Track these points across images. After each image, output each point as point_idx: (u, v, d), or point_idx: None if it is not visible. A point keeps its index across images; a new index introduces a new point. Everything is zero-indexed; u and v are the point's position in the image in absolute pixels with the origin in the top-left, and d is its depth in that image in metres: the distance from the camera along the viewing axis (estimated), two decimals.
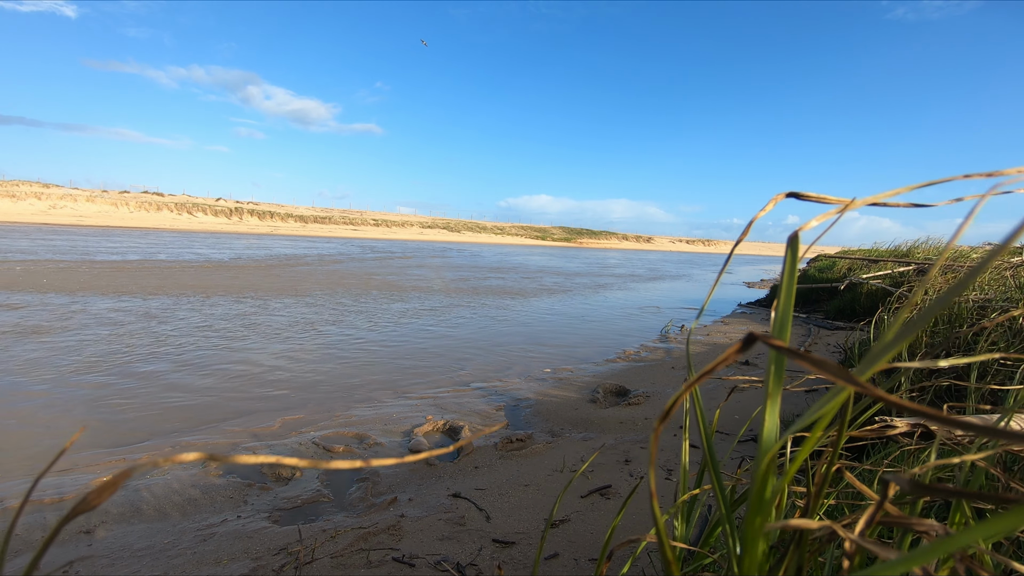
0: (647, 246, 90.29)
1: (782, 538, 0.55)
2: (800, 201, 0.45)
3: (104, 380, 3.65)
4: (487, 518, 2.03)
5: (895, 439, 0.89)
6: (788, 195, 0.42)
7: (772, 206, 0.43)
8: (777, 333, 0.38)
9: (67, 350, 4.32)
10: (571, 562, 1.70)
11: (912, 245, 9.02)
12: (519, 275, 15.43)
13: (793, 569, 0.47)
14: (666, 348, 5.77)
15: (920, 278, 5.87)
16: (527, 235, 75.87)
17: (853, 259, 8.95)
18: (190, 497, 2.23)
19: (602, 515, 2.03)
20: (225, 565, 1.72)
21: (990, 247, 7.33)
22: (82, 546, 1.85)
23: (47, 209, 38.52)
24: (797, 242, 0.39)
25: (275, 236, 35.68)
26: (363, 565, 1.69)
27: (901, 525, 0.40)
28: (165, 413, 3.16)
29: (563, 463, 2.59)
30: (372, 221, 63.18)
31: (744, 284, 16.79)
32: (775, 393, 0.37)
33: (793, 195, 0.42)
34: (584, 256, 36.34)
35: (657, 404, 3.60)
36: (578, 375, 4.47)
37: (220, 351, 4.58)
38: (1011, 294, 2.59)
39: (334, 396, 3.61)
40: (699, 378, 0.32)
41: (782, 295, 0.40)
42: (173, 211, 47.13)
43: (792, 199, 0.43)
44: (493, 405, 3.58)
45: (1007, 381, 1.56)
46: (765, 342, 0.30)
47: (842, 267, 9.25)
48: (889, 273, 7.02)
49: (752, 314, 8.78)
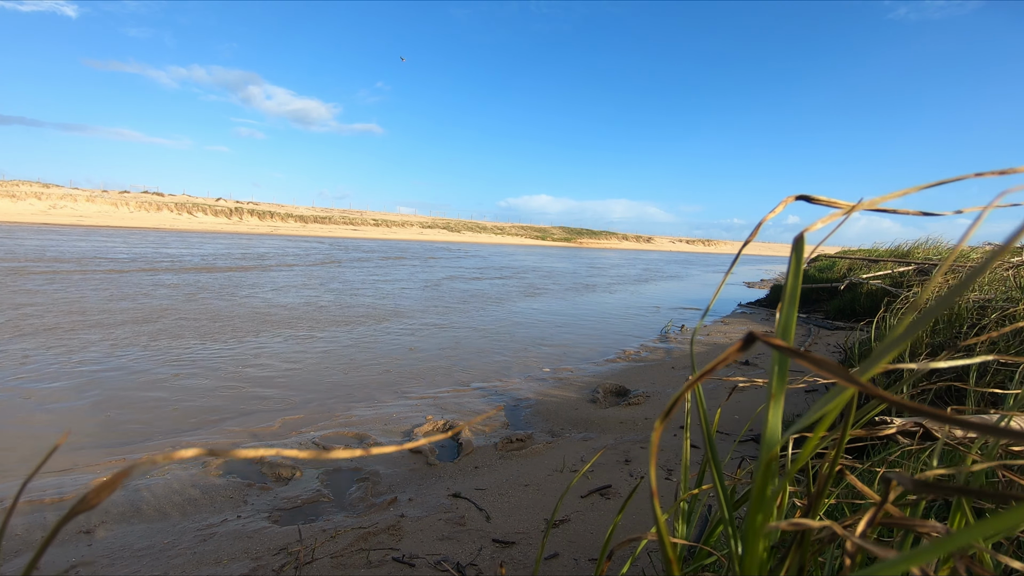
0: (647, 246, 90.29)
1: (783, 538, 0.55)
2: (802, 202, 0.45)
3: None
4: (487, 518, 2.03)
5: (895, 439, 0.89)
6: (798, 198, 0.42)
7: (782, 208, 0.43)
8: (781, 334, 0.38)
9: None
10: (571, 562, 1.70)
11: (912, 245, 9.02)
12: (520, 276, 15.43)
13: (794, 569, 0.47)
14: (666, 348, 5.77)
15: (920, 278, 5.87)
16: (527, 235, 75.88)
17: (853, 259, 8.95)
18: (190, 497, 2.23)
19: (602, 515, 2.03)
20: (225, 565, 1.72)
21: (990, 247, 7.33)
22: (82, 546, 1.85)
23: (47, 209, 38.51)
24: (803, 244, 0.39)
25: (275, 236, 35.68)
26: (363, 565, 1.69)
27: (903, 526, 0.40)
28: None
29: (563, 463, 2.59)
30: (372, 221, 63.17)
31: (744, 284, 16.79)
32: (779, 393, 0.37)
33: (803, 198, 0.42)
34: (584, 256, 36.33)
35: (657, 404, 3.60)
36: (578, 375, 4.47)
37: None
38: (1011, 294, 2.59)
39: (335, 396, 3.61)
40: (700, 377, 0.32)
41: (786, 296, 0.40)
42: (173, 211, 47.11)
43: (798, 200, 0.43)
44: (493, 405, 3.58)
45: (1007, 382, 1.56)
46: (765, 342, 0.30)
47: (842, 267, 9.25)
48: (889, 273, 7.03)
49: (752, 314, 8.78)
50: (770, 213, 0.44)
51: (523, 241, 68.91)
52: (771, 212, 0.44)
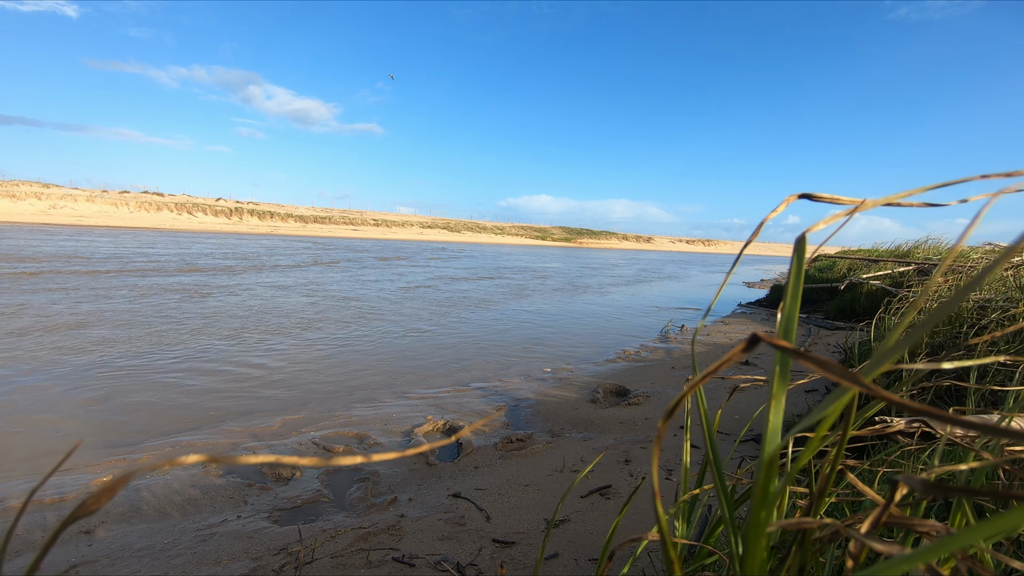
0: (647, 246, 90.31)
1: (783, 538, 0.55)
2: (803, 202, 0.45)
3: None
4: (487, 518, 2.03)
5: (895, 439, 0.89)
6: (800, 196, 0.42)
7: (784, 207, 0.43)
8: (782, 334, 0.38)
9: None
10: (571, 562, 1.70)
11: (912, 245, 9.01)
12: (520, 276, 15.43)
13: (795, 569, 0.47)
14: (666, 348, 5.77)
15: (920, 278, 5.87)
16: (527, 235, 75.87)
17: (853, 259, 8.95)
18: (190, 497, 2.23)
19: (602, 515, 2.03)
20: (225, 565, 1.72)
21: (990, 247, 7.33)
22: (82, 546, 1.85)
23: (47, 209, 38.49)
24: (804, 244, 0.39)
25: (275, 236, 35.67)
26: (363, 565, 1.69)
27: (905, 526, 0.40)
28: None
29: (563, 463, 2.59)
30: (372, 221, 63.16)
31: (744, 284, 16.79)
32: (779, 394, 0.37)
33: (805, 196, 0.42)
34: (584, 256, 36.33)
35: (657, 404, 3.60)
36: (578, 375, 4.47)
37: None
38: (1011, 294, 2.59)
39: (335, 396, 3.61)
40: (703, 378, 0.32)
41: (788, 297, 0.40)
42: (173, 211, 47.10)
43: (799, 200, 0.43)
44: (493, 405, 3.58)
45: (1007, 382, 1.56)
46: (769, 343, 0.30)
47: (842, 267, 9.25)
48: (889, 273, 7.03)
49: (752, 314, 8.78)
50: (772, 212, 0.43)
51: (523, 241, 68.91)
52: (773, 211, 0.43)
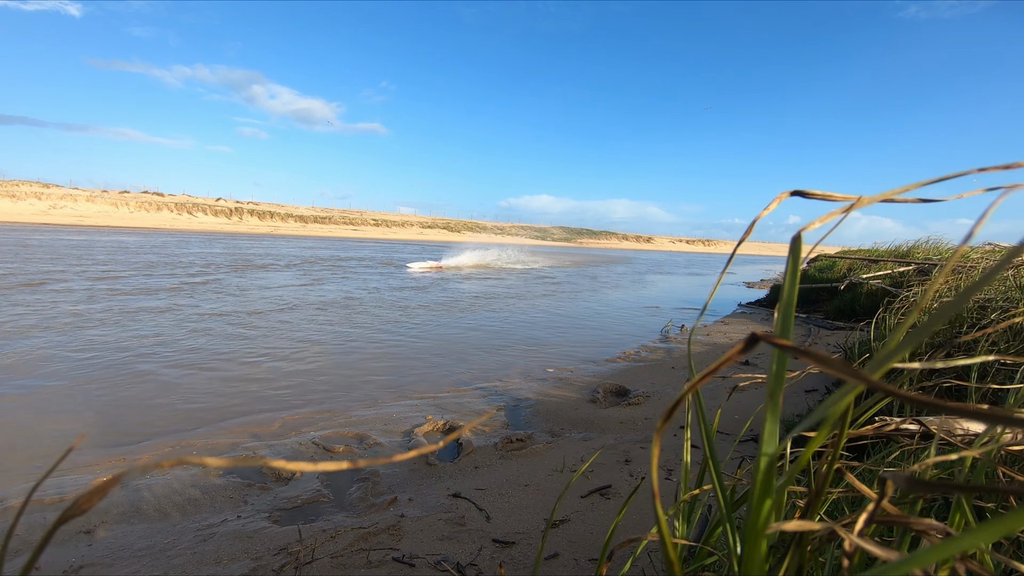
0: (647, 246, 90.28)
1: (782, 538, 0.55)
2: (803, 202, 0.45)
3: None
4: (487, 518, 2.03)
5: (895, 439, 0.89)
6: (792, 193, 0.42)
7: (776, 205, 0.43)
8: (780, 333, 0.38)
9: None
10: (571, 562, 1.70)
11: (913, 245, 9.00)
12: (521, 276, 15.42)
13: (794, 569, 0.47)
14: (666, 348, 5.76)
15: (920, 278, 5.87)
16: (527, 235, 75.86)
17: (853, 259, 8.95)
18: (190, 497, 2.23)
19: (602, 515, 2.03)
20: (225, 565, 1.72)
21: (991, 246, 7.33)
22: (82, 546, 1.85)
23: (47, 209, 38.50)
24: (800, 243, 0.39)
25: (275, 236, 35.66)
26: (363, 565, 1.69)
27: (900, 524, 0.40)
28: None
29: (563, 463, 2.59)
30: (372, 221, 63.15)
31: (744, 284, 16.79)
32: (777, 393, 0.37)
33: (797, 193, 0.42)
34: (583, 256, 36.31)
35: (657, 404, 3.60)
36: (578, 375, 4.47)
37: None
38: (1011, 294, 2.59)
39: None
40: (702, 378, 0.32)
41: (784, 295, 0.40)
42: (173, 211, 47.10)
43: (795, 198, 0.43)
44: (493, 405, 3.58)
45: (1007, 381, 1.56)
46: (769, 341, 0.30)
47: (842, 267, 9.24)
48: (889, 273, 7.03)
49: (752, 314, 8.78)
50: (764, 210, 0.43)
51: (523, 241, 68.89)
52: (765, 209, 0.43)
